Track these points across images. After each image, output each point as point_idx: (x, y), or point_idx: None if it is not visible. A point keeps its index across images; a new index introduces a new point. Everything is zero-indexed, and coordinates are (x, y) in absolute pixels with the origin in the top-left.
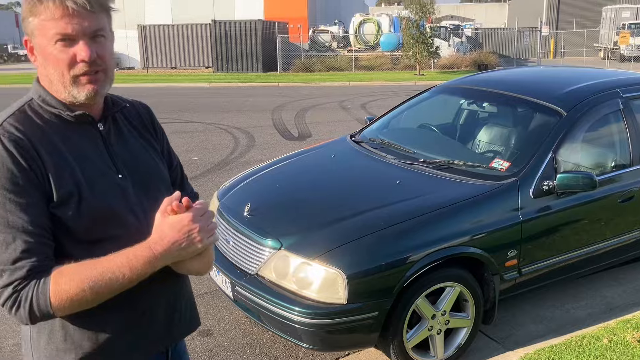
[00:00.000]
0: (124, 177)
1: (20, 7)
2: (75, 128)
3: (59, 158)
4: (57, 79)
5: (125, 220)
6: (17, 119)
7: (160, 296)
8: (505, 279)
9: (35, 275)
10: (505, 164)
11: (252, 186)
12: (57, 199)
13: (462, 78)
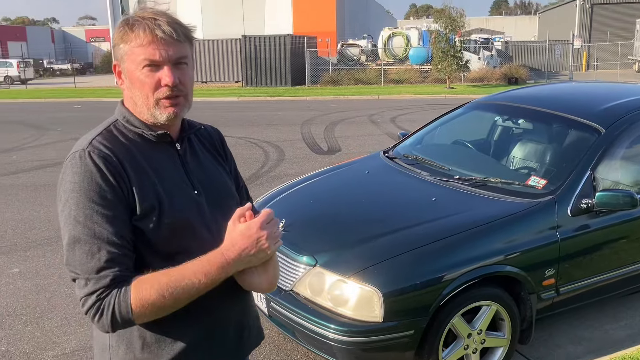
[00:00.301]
0: (199, 193)
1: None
2: (156, 147)
3: (142, 174)
4: (141, 101)
5: (200, 234)
6: (104, 138)
7: (231, 313)
8: (543, 298)
9: (117, 284)
10: (542, 182)
11: (286, 202)
12: (140, 212)
13: (496, 94)
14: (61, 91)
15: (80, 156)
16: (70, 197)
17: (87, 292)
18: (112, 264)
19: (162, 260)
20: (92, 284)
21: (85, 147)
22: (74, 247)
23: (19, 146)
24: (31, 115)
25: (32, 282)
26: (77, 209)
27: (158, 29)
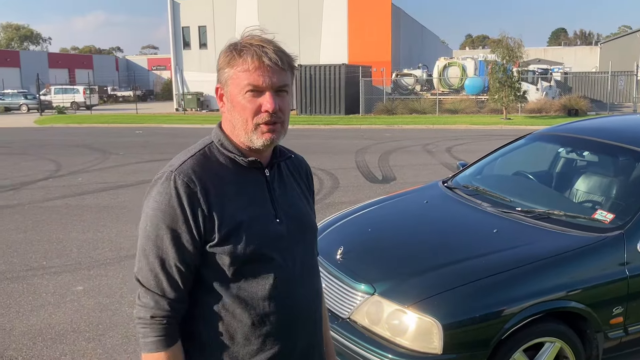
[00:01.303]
0: (281, 221)
1: (120, 52)
2: (245, 172)
3: (227, 200)
4: (240, 125)
5: (273, 263)
6: (196, 161)
7: (299, 340)
8: (610, 337)
9: (169, 318)
10: (609, 216)
11: (344, 229)
12: (218, 238)
13: (559, 125)
14: (123, 117)
15: (167, 177)
16: (149, 214)
17: (145, 304)
18: (173, 290)
19: (228, 285)
20: (151, 300)
21: (174, 169)
22: (143, 260)
23: (85, 169)
24: (96, 139)
25: (95, 300)
26: (152, 227)
27: (265, 56)
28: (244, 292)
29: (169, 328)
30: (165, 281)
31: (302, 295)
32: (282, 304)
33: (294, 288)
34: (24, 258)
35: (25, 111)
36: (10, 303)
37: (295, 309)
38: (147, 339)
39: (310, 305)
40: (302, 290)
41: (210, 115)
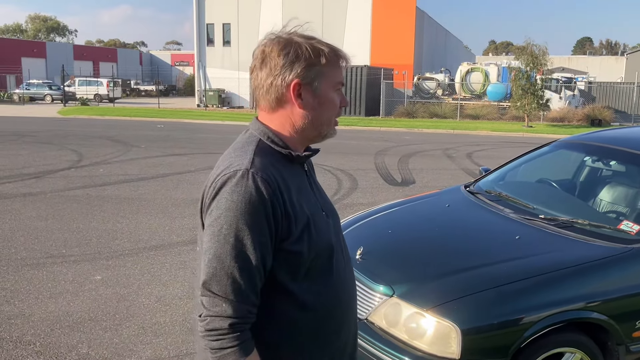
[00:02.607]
0: (327, 214)
1: (145, 47)
2: (292, 168)
3: (294, 195)
4: (324, 121)
5: (338, 256)
6: (263, 158)
7: (351, 329)
8: (632, 351)
9: (248, 324)
10: (635, 227)
11: (363, 230)
12: (295, 235)
13: (585, 134)
14: (146, 110)
15: (243, 175)
16: (225, 215)
17: (219, 312)
18: (252, 293)
19: (296, 282)
20: (229, 307)
21: (248, 166)
22: (217, 265)
23: (106, 160)
24: (118, 131)
25: (113, 290)
26: (230, 229)
27: (341, 51)
28: (311, 288)
29: (247, 334)
30: (245, 286)
31: (352, 284)
32: (342, 295)
33: (347, 278)
34: (45, 245)
35: (49, 101)
36: (30, 289)
37: (351, 298)
38: (226, 351)
39: (355, 292)
40: (351, 279)
41: (231, 112)
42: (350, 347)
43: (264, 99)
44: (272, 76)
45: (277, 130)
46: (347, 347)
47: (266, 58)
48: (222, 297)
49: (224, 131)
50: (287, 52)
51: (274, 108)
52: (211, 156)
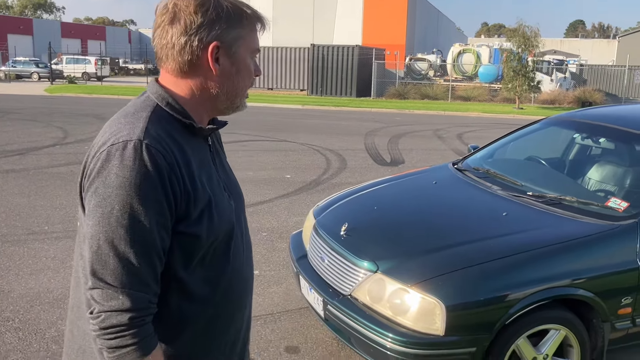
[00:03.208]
0: (229, 195)
1: (134, 25)
2: (194, 141)
3: (194, 171)
4: (239, 90)
5: (237, 242)
6: (157, 126)
7: (242, 330)
8: (617, 328)
9: (149, 316)
10: (623, 204)
11: (349, 206)
12: (194, 216)
13: (576, 111)
14: (134, 89)
15: (135, 147)
16: (116, 194)
17: (117, 306)
18: (152, 281)
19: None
20: (127, 300)
21: (141, 136)
22: (110, 252)
23: (92, 137)
24: (105, 109)
25: None
26: (123, 210)
27: (260, 14)
28: (204, 276)
29: (149, 328)
30: (144, 273)
31: (249, 274)
32: (237, 285)
33: (244, 267)
34: (26, 222)
35: (36, 79)
36: (10, 266)
37: (245, 290)
38: (126, 350)
39: (252, 279)
40: (249, 266)
41: None
42: (240, 344)
43: (174, 60)
44: (187, 35)
45: (182, 96)
46: (237, 343)
47: (179, 13)
48: (118, 288)
49: None
50: (207, 9)
51: (184, 72)
52: None
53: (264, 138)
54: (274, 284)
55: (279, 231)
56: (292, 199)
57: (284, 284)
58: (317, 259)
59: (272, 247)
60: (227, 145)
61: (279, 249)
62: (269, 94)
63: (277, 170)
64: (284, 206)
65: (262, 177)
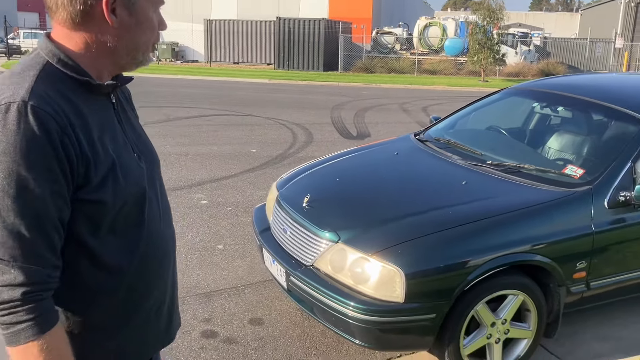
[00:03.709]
0: (139, 156)
1: None
2: (93, 100)
3: (93, 133)
4: (141, 45)
5: (152, 207)
6: (46, 85)
7: (165, 296)
8: (572, 292)
9: (48, 291)
10: (579, 171)
11: (312, 178)
12: (95, 182)
13: (536, 81)
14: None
15: (18, 109)
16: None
17: (8, 281)
18: (49, 254)
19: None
20: (20, 274)
21: (25, 97)
22: None
23: None
24: None
25: None
26: (9, 179)
27: None
28: (117, 243)
29: (48, 304)
30: (39, 245)
31: (168, 234)
32: (155, 251)
33: (162, 232)
34: None
35: None
36: None
37: (166, 254)
38: (21, 326)
39: (173, 242)
40: (168, 229)
41: (185, 66)
42: (167, 307)
43: (65, 9)
44: None
45: (76, 51)
46: (162, 307)
47: None
48: (9, 262)
49: (176, 84)
50: None
51: (77, 23)
52: (161, 109)
53: (229, 112)
54: (238, 258)
55: (244, 205)
56: (258, 173)
57: (248, 257)
58: (280, 231)
59: (236, 221)
60: (190, 119)
61: (243, 223)
62: (234, 68)
63: (242, 144)
64: (249, 181)
65: (227, 152)
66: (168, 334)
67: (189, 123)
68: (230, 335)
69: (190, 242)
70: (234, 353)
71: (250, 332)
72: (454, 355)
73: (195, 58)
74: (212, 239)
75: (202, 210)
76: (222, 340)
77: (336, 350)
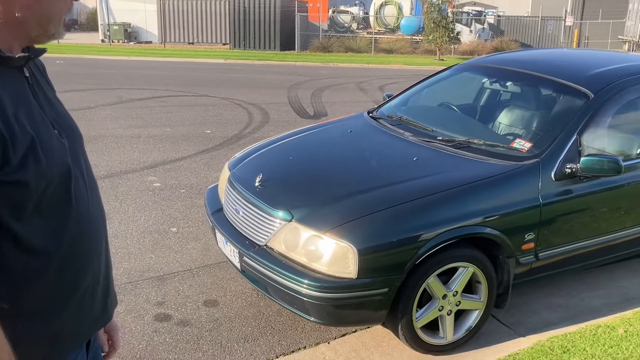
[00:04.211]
0: (60, 133)
1: None
2: (6, 74)
3: (9, 110)
4: (55, 15)
5: (78, 184)
6: None
7: (100, 277)
8: (521, 263)
9: None
10: (527, 145)
11: (264, 157)
12: (14, 163)
13: (486, 56)
14: (43, 46)
15: None
16: None
17: None
18: None
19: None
20: None
21: None
22: None
23: None
24: None
25: None
26: None
27: None
28: (44, 225)
29: None
30: None
31: (97, 212)
32: (86, 229)
33: (91, 209)
34: None
35: None
36: None
37: (98, 232)
38: None
39: (103, 221)
40: (97, 208)
41: (138, 47)
42: (101, 288)
43: None
44: None
45: None
46: (97, 287)
47: None
48: None
49: (129, 66)
50: None
51: None
52: (113, 91)
53: (183, 93)
54: (192, 240)
55: (198, 187)
56: (212, 154)
57: (202, 239)
58: (233, 211)
59: (190, 203)
60: (142, 101)
61: (197, 205)
62: (189, 48)
63: (196, 125)
64: (204, 162)
65: (181, 133)
66: (104, 314)
67: (142, 105)
68: (184, 318)
69: (143, 226)
70: (188, 335)
71: (205, 314)
72: (407, 328)
73: (149, 39)
74: (166, 222)
75: (155, 193)
76: (176, 323)
77: (292, 329)
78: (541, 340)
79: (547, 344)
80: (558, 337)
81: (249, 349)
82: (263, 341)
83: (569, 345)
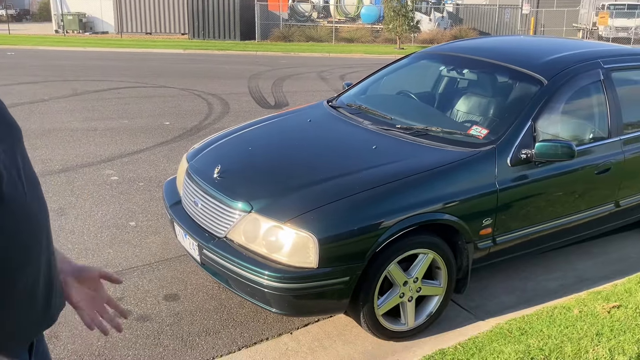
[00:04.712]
0: None
1: None
2: None
3: None
4: None
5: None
6: None
7: (39, 275)
8: (479, 248)
9: None
10: (483, 131)
11: (223, 148)
12: None
13: (443, 44)
14: None
15: None
16: None
17: None
18: None
19: None
20: None
21: None
22: None
23: None
24: None
25: None
26: None
27: None
28: None
29: None
30: None
31: (36, 209)
32: (22, 226)
33: (28, 201)
34: None
35: None
36: None
37: (38, 229)
38: None
39: (45, 218)
40: (37, 204)
41: (94, 38)
42: (42, 289)
43: None
44: None
45: None
46: (36, 287)
47: None
48: None
49: (84, 57)
50: None
51: None
52: (68, 83)
53: (140, 84)
54: (151, 234)
55: (157, 180)
56: (172, 146)
57: (162, 233)
58: (191, 203)
59: (149, 197)
60: (99, 93)
61: (156, 199)
62: (147, 38)
63: (154, 117)
64: (163, 154)
65: (139, 125)
66: (47, 316)
67: (98, 97)
68: (144, 313)
69: (100, 220)
70: (148, 330)
71: (165, 308)
72: (368, 316)
73: (105, 29)
74: (124, 216)
75: (112, 186)
76: (136, 318)
77: (254, 320)
78: (500, 323)
79: (506, 327)
80: (516, 320)
81: (211, 342)
82: (225, 334)
83: (527, 327)
